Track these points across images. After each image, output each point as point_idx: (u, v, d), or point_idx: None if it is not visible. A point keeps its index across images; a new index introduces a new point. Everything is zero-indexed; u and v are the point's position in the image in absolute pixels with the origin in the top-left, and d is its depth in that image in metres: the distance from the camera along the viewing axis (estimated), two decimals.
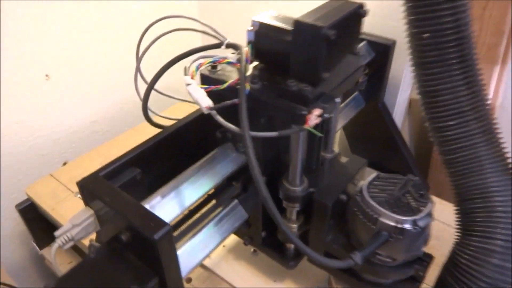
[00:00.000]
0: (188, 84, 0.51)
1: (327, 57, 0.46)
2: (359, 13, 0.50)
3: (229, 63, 0.54)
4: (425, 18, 0.52)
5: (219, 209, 0.63)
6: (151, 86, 0.60)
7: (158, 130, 0.60)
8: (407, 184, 0.58)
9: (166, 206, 0.50)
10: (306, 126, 0.47)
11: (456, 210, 0.60)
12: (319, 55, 0.45)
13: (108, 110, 1.17)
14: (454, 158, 0.57)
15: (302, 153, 0.55)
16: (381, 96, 0.80)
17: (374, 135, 0.90)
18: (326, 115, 0.49)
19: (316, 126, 0.48)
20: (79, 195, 0.97)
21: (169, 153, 0.58)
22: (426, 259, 0.60)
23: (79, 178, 0.50)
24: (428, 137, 0.61)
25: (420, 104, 0.59)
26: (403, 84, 0.88)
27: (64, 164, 1.12)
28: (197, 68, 0.53)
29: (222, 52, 0.60)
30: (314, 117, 0.48)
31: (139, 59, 0.63)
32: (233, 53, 0.58)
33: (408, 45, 0.55)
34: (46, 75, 1.00)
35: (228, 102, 0.49)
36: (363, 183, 0.59)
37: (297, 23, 0.45)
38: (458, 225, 0.60)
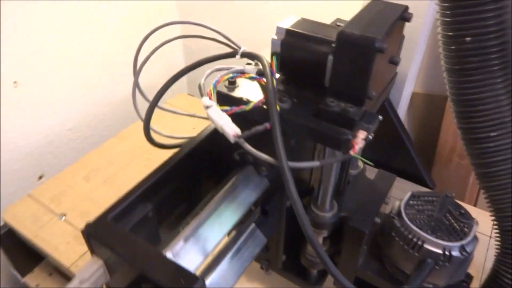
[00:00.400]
0: (207, 107, 0.43)
1: (376, 72, 0.40)
2: (404, 17, 0.44)
3: (251, 78, 0.46)
4: (469, 20, 0.46)
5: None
6: (153, 105, 0.52)
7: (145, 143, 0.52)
8: (445, 203, 0.53)
9: (190, 252, 0.43)
10: (353, 153, 0.41)
11: (495, 225, 0.56)
12: (369, 71, 0.39)
13: (86, 115, 1.07)
14: (495, 171, 0.52)
15: (335, 176, 0.49)
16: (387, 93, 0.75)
17: (379, 133, 0.85)
18: (370, 137, 0.43)
19: None
20: (64, 218, 0.88)
21: (181, 181, 0.51)
22: (466, 280, 0.55)
23: (62, 197, 0.42)
24: (426, 131, 0.56)
25: (454, 113, 0.54)
26: (409, 79, 0.83)
27: (40, 178, 1.01)
28: (215, 85, 0.46)
29: (234, 63, 0.53)
30: (360, 142, 0.41)
31: (137, 73, 0.54)
32: (248, 64, 0.51)
33: (439, 49, 0.50)
34: (14, 82, 0.88)
35: (259, 128, 0.42)
36: (398, 204, 0.53)
37: (343, 35, 0.38)
38: (498, 241, 0.55)
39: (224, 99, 0.46)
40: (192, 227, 0.44)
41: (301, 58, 0.44)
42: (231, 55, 0.51)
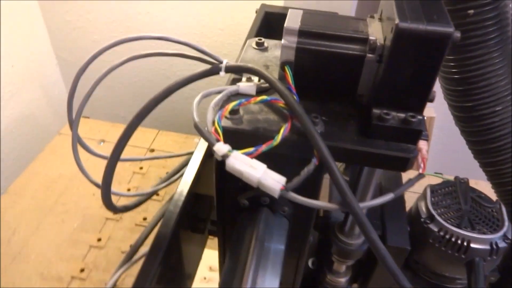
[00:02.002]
0: (225, 156, 0.31)
1: None
2: None
3: (262, 101, 0.35)
4: None
5: None
6: (114, 163, 0.37)
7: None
8: (466, 191, 0.49)
9: None
10: (424, 172, 0.33)
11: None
12: (437, 69, 0.30)
13: None
14: (498, 146, 0.50)
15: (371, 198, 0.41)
16: None
17: None
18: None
19: None
20: None
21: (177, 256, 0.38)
22: None
23: None
24: None
25: (452, 93, 0.50)
26: None
27: None
28: (219, 120, 0.33)
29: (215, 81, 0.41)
30: (426, 154, 0.34)
31: (74, 123, 0.38)
32: (235, 79, 0.39)
33: None
34: None
35: (309, 168, 0.31)
36: (424, 205, 0.47)
37: (405, 30, 0.29)
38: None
39: (234, 137, 0.34)
40: None
41: (325, 64, 0.34)
42: (212, 72, 0.38)
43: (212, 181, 0.50)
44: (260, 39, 0.42)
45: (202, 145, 0.53)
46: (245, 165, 0.31)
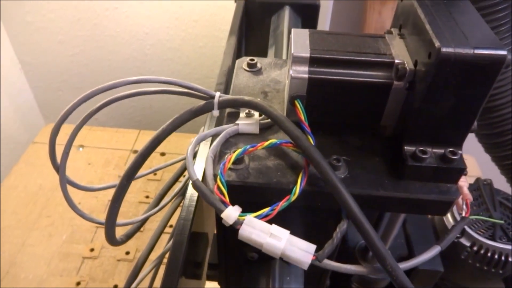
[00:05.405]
0: (236, 224, 0.25)
1: None
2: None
3: (272, 145, 0.29)
4: None
5: None
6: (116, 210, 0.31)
7: None
8: (492, 196, 0.45)
9: None
10: (468, 215, 0.28)
11: None
12: (485, 96, 0.25)
13: None
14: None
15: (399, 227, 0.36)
16: None
17: None
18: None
19: None
20: None
21: None
22: None
23: None
24: None
25: None
26: None
27: None
28: (223, 176, 0.27)
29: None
30: (468, 194, 0.29)
31: (61, 166, 0.32)
32: (231, 112, 0.33)
33: None
34: None
35: (342, 228, 0.26)
36: (451, 215, 0.43)
37: (448, 57, 0.23)
38: None
39: (241, 193, 0.28)
40: None
41: (343, 95, 0.28)
42: (203, 110, 0.32)
43: (207, 214, 0.45)
44: (252, 59, 0.36)
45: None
46: (264, 234, 0.26)
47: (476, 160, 0.86)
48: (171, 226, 0.49)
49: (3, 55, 1.05)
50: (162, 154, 0.92)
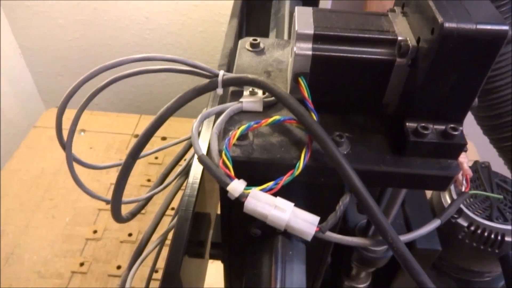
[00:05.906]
0: (242, 197, 0.26)
1: None
2: None
3: (276, 121, 0.29)
4: None
5: None
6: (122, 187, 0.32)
7: None
8: (490, 178, 0.45)
9: None
10: (467, 190, 0.29)
11: None
12: (487, 72, 0.25)
13: None
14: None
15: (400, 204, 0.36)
16: None
17: None
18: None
19: None
20: None
21: None
22: None
23: None
24: None
25: None
26: None
27: None
28: (227, 150, 0.28)
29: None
30: (468, 170, 0.29)
31: (68, 146, 0.32)
32: (235, 91, 0.33)
33: None
34: None
35: (344, 200, 0.26)
36: (449, 196, 0.44)
37: (451, 32, 0.23)
38: None
39: (246, 168, 0.29)
40: None
41: (347, 72, 0.29)
42: (207, 88, 0.32)
43: (209, 195, 0.45)
44: (255, 39, 0.36)
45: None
46: (269, 206, 0.26)
47: (474, 145, 0.86)
48: (172, 208, 0.50)
49: (3, 40, 1.05)
50: (163, 138, 0.93)
